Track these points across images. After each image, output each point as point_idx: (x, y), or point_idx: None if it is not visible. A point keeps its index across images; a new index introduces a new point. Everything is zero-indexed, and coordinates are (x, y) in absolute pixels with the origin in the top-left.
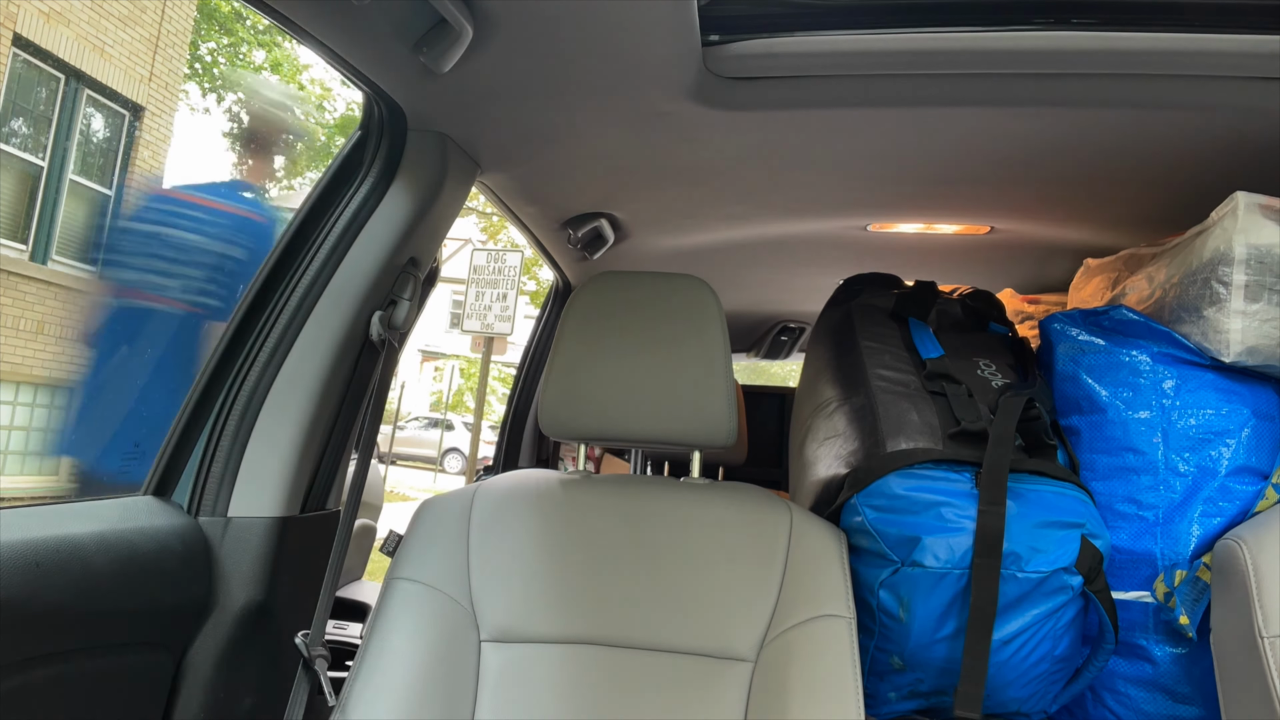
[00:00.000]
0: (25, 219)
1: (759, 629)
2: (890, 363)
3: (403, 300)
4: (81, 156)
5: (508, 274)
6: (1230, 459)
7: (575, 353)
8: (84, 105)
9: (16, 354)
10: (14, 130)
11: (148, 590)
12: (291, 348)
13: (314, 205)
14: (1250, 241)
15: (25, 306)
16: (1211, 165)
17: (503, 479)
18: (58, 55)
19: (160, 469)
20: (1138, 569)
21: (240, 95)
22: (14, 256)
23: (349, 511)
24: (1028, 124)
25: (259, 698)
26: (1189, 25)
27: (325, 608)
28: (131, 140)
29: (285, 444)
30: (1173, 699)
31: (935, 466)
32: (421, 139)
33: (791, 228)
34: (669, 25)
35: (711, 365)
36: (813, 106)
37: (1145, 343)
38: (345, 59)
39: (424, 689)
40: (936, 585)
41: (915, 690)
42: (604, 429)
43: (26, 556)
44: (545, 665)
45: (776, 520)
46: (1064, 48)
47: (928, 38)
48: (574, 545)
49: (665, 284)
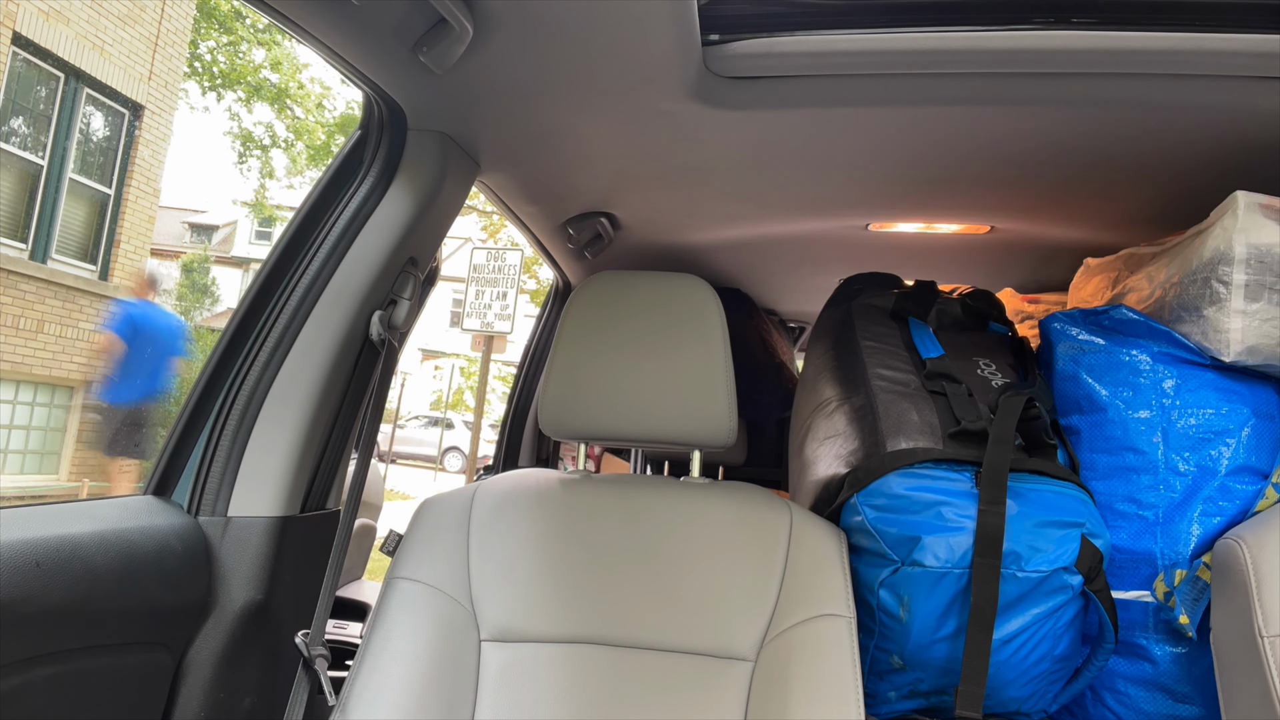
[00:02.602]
0: (25, 218)
1: (759, 628)
2: (890, 362)
3: (403, 300)
4: (81, 155)
5: (508, 272)
6: (1230, 458)
7: (575, 352)
8: (83, 104)
9: (16, 353)
10: (14, 129)
11: (148, 590)
12: (291, 347)
13: (314, 205)
14: (1250, 241)
15: (25, 305)
16: (1211, 165)
17: (502, 479)
18: (57, 54)
19: (160, 468)
20: (1138, 568)
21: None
22: (13, 255)
23: (349, 511)
24: (1028, 123)
25: (259, 698)
26: (1189, 25)
27: (325, 608)
28: (131, 139)
29: (285, 444)
30: (1173, 698)
31: (935, 466)
32: (421, 138)
33: (791, 227)
34: (669, 25)
35: (711, 365)
36: (813, 106)
37: (1145, 342)
38: (345, 58)
39: (424, 688)
40: (936, 585)
41: (915, 690)
42: (604, 429)
43: (26, 556)
44: (545, 665)
45: (776, 520)
46: (1064, 47)
47: (928, 37)
48: (574, 545)
49: (665, 284)
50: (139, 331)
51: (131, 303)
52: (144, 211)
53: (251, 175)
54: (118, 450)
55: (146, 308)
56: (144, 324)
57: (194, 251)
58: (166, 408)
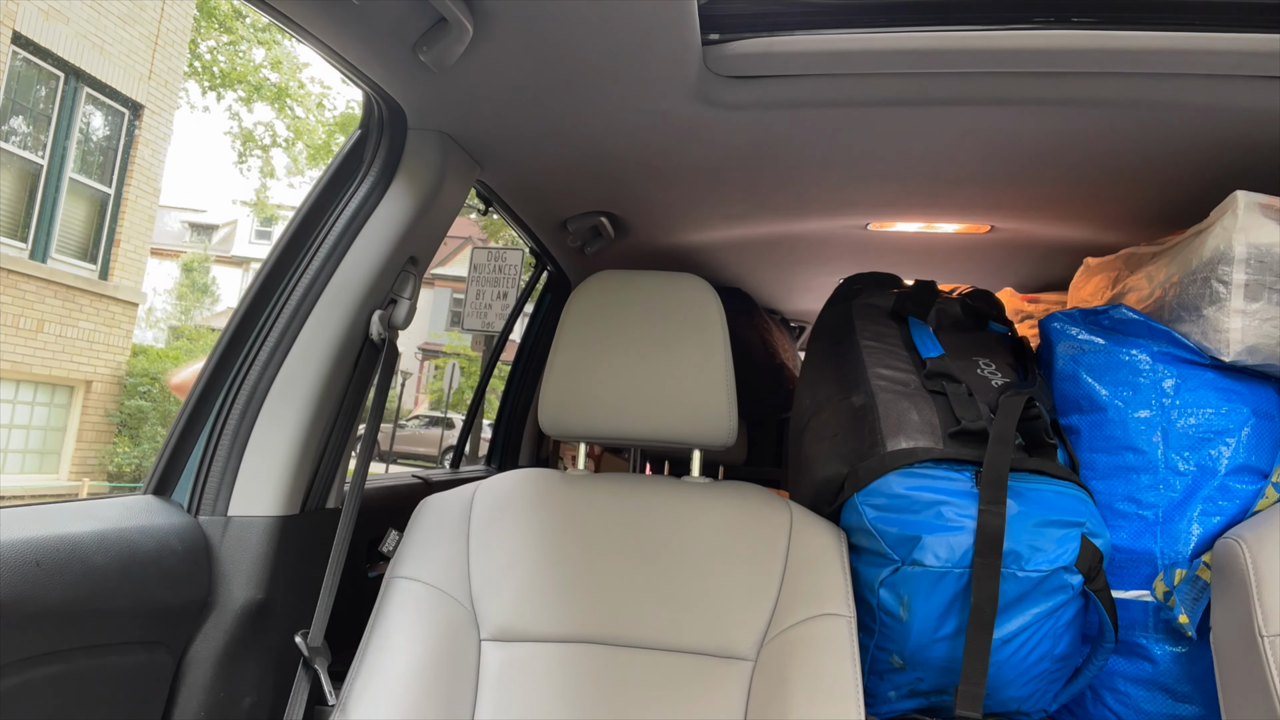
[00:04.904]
0: (25, 217)
1: (759, 628)
2: (890, 362)
3: (403, 299)
4: (81, 155)
5: (508, 272)
6: (1230, 458)
7: (575, 352)
8: (83, 103)
9: (16, 353)
10: (14, 128)
11: (148, 589)
12: (292, 347)
13: (314, 204)
14: (1250, 241)
15: (25, 305)
16: (1211, 165)
17: (502, 478)
18: (57, 53)
19: (160, 468)
20: (1137, 568)
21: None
22: (13, 255)
23: (349, 511)
24: (1028, 123)
25: (259, 697)
26: (1189, 24)
27: (325, 607)
28: (131, 138)
29: (285, 443)
30: (1172, 698)
31: (935, 465)
32: (421, 138)
33: (791, 226)
34: (669, 24)
35: (712, 365)
36: (812, 105)
37: (1145, 342)
38: (345, 58)
39: (424, 688)
40: (937, 584)
41: (915, 689)
42: (604, 428)
43: (27, 556)
44: (545, 664)
45: (777, 519)
46: (1064, 46)
47: (928, 36)
48: (574, 544)
49: (665, 283)
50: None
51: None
52: (144, 211)
53: (252, 175)
54: None
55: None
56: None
57: (194, 252)
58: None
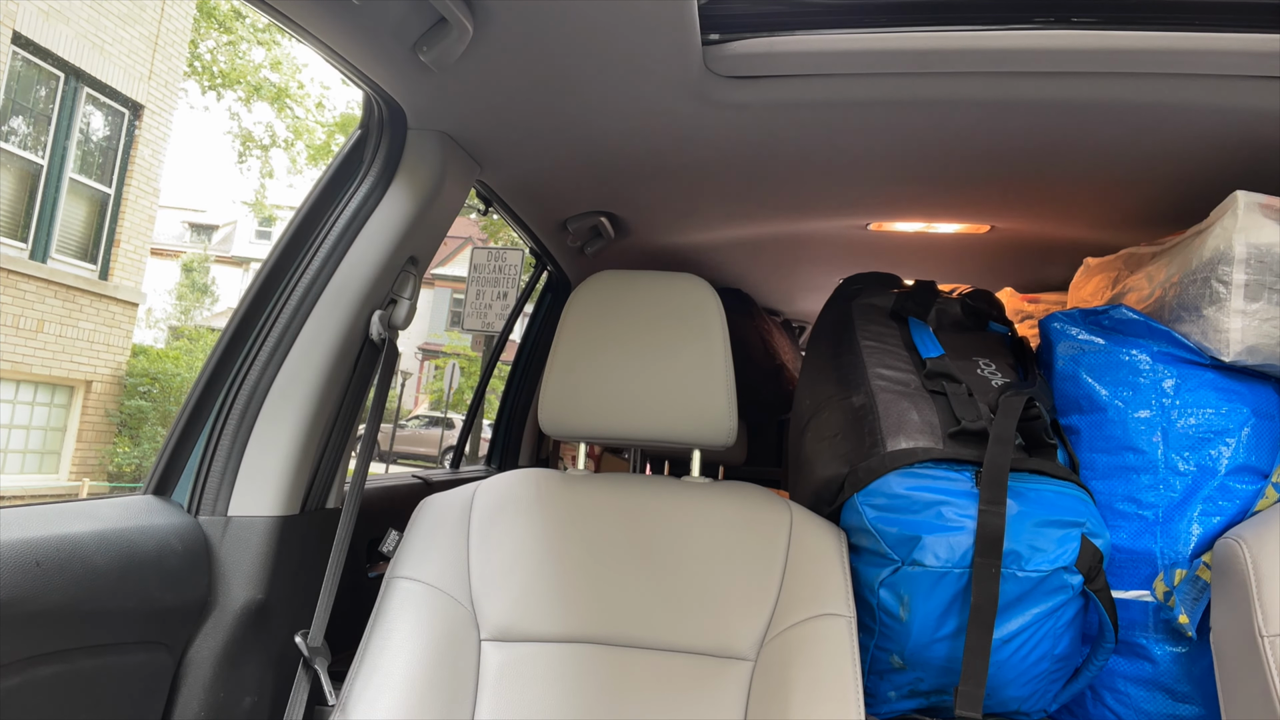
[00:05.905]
0: (25, 217)
1: (759, 628)
2: (890, 362)
3: (403, 299)
4: (81, 155)
5: (508, 272)
6: (1230, 458)
7: (575, 352)
8: (83, 103)
9: (16, 353)
10: (14, 128)
11: (148, 589)
12: (291, 347)
13: (314, 204)
14: (1250, 241)
15: (25, 305)
16: (1211, 165)
17: (502, 478)
18: (57, 54)
19: (160, 468)
20: (1137, 568)
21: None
22: (14, 255)
23: (349, 511)
24: (1028, 123)
25: (259, 697)
26: (1189, 25)
27: (325, 607)
28: (131, 138)
29: (285, 443)
30: (1172, 698)
31: (935, 465)
32: (421, 138)
33: (791, 226)
34: (669, 24)
35: (712, 365)
36: (813, 105)
37: (1145, 342)
38: (345, 57)
39: (424, 688)
40: (937, 584)
41: (915, 689)
42: (604, 428)
43: (26, 556)
44: (545, 664)
45: (776, 519)
46: (1064, 46)
47: (928, 36)
48: (574, 544)
49: (665, 283)
50: None
51: None
52: (144, 211)
53: (251, 175)
54: None
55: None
56: None
57: (194, 252)
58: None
